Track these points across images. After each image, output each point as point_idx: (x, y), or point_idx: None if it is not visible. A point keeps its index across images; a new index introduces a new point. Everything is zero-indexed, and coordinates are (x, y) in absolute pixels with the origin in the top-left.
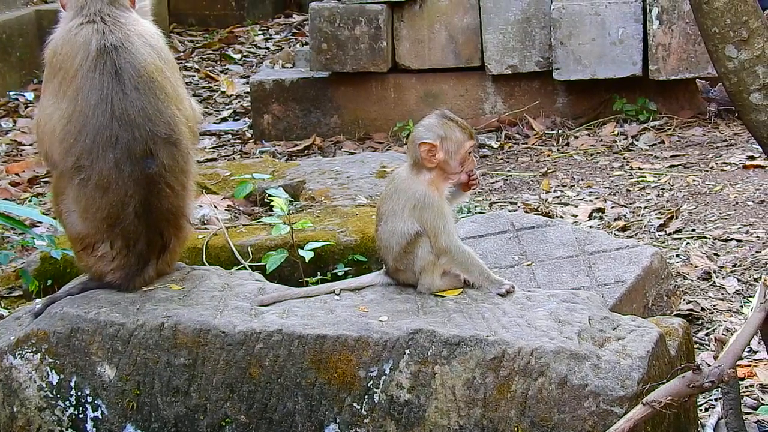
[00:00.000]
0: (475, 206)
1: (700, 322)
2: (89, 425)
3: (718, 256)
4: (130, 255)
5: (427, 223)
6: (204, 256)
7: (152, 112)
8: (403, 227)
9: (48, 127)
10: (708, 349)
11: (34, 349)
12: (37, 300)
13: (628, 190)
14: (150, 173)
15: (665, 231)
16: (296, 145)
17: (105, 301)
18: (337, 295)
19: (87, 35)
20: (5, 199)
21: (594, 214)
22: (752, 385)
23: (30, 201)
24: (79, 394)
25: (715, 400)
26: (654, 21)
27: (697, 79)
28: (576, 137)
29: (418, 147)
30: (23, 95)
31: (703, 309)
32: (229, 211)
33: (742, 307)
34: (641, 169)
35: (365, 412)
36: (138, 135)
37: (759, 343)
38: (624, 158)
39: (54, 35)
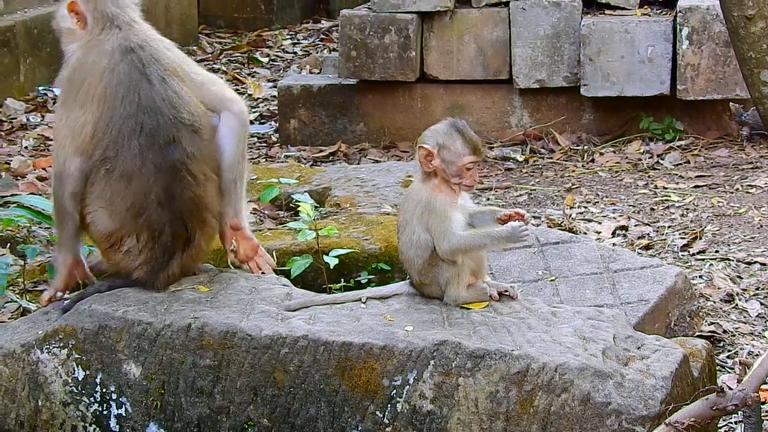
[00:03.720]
0: None
1: (721, 344)
2: (113, 422)
3: (742, 278)
4: (156, 247)
5: (431, 229)
6: (229, 259)
7: (176, 100)
8: (418, 238)
9: (79, 139)
10: (730, 372)
11: (62, 344)
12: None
13: (652, 209)
14: (173, 160)
15: (688, 251)
16: (321, 150)
17: (133, 299)
18: (363, 303)
19: (112, 42)
20: (32, 194)
21: (617, 232)
22: None
23: None
24: (104, 390)
25: (736, 422)
26: (684, 41)
27: (730, 103)
28: (601, 154)
29: (417, 150)
30: (52, 90)
31: (725, 331)
32: (254, 214)
33: (764, 330)
34: (666, 188)
35: (387, 421)
36: (162, 122)
37: None
38: (649, 177)
39: (72, 54)
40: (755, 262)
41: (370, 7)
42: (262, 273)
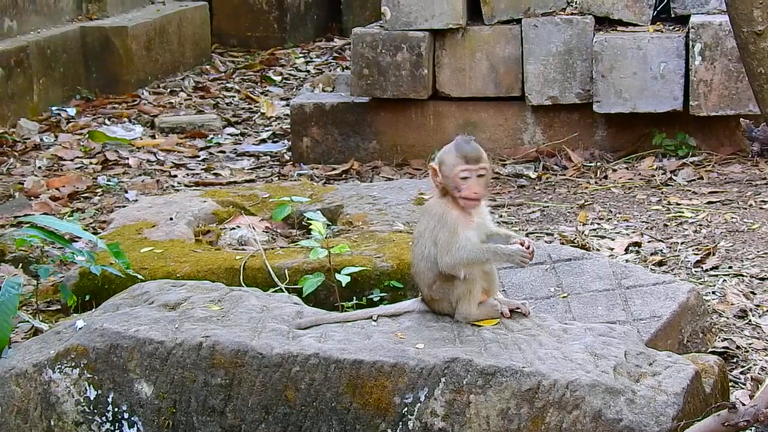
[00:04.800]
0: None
1: (735, 360)
2: None
3: (755, 294)
4: None
5: (439, 242)
6: (241, 277)
7: None
8: (429, 252)
9: None
10: (743, 388)
11: (73, 363)
12: (77, 315)
13: (666, 225)
14: None
15: (702, 267)
16: (334, 169)
17: (145, 318)
18: (374, 321)
19: None
20: (45, 214)
21: (630, 248)
22: None
23: (71, 216)
24: (116, 410)
25: None
26: (696, 57)
27: (740, 119)
28: (614, 170)
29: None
30: (65, 110)
31: (738, 347)
32: (266, 232)
33: None
34: (679, 204)
35: None
36: None
37: None
38: (662, 193)
39: None
40: None
41: (382, 25)
42: None
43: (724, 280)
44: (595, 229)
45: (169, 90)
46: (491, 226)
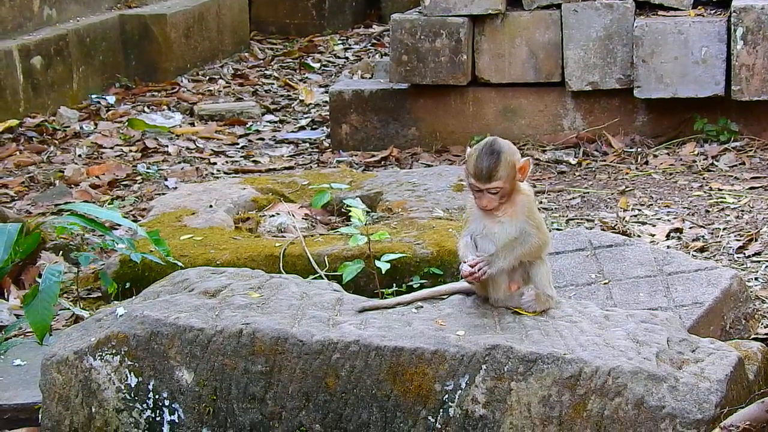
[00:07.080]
0: (552, 222)
1: None
2: (165, 428)
3: None
4: None
5: None
6: (281, 264)
7: None
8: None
9: None
10: None
11: (114, 351)
12: (117, 302)
13: (707, 211)
14: None
15: (744, 253)
16: (373, 155)
17: (185, 305)
18: (415, 309)
19: None
20: (86, 201)
21: (672, 234)
22: None
23: (111, 204)
24: (157, 397)
25: None
26: (738, 41)
27: None
28: (655, 156)
29: None
30: (105, 99)
31: None
32: (306, 219)
33: None
34: (721, 190)
35: (440, 426)
36: None
37: None
38: (703, 178)
39: None
40: None
41: (421, 11)
42: None
43: (767, 266)
44: (635, 215)
45: (208, 77)
46: (522, 228)
